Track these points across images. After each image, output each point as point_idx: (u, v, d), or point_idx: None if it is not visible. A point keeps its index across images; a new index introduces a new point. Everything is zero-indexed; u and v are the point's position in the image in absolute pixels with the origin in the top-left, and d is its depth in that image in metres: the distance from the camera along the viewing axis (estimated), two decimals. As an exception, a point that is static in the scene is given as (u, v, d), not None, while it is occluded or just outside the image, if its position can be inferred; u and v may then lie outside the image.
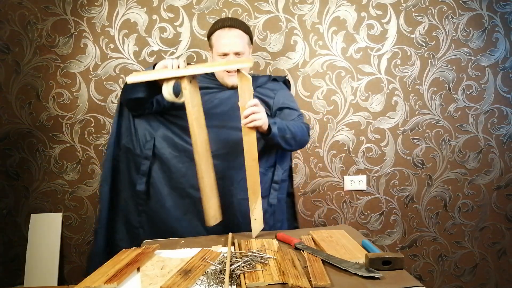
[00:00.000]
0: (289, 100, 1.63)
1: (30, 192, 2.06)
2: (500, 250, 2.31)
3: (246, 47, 1.55)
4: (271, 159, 1.59)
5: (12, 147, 2.03)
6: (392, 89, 2.15)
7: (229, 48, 1.49)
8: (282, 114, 1.57)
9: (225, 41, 1.50)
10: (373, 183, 2.20)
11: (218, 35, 1.53)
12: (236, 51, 1.49)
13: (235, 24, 1.54)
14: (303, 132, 1.49)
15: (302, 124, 1.52)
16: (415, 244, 2.26)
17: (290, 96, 1.68)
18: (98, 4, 1.99)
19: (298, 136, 1.45)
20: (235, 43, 1.50)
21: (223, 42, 1.50)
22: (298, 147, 1.54)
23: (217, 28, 1.54)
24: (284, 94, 1.64)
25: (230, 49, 1.49)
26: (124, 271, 1.04)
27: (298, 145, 1.51)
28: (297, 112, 1.59)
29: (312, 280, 0.97)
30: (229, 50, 1.49)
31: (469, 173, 2.24)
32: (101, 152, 2.06)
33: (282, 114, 1.57)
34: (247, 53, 1.56)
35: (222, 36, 1.51)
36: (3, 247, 2.07)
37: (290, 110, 1.58)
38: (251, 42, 1.62)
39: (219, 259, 1.12)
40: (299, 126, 1.49)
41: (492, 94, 2.19)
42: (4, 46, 1.98)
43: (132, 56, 2.02)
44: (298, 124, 1.49)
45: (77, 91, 2.03)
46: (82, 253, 2.11)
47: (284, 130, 1.40)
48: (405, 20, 2.11)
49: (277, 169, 1.59)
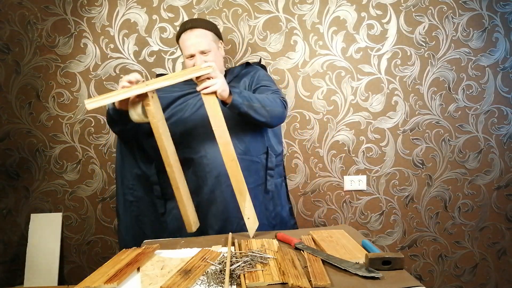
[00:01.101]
0: (263, 79, 1.64)
1: (30, 192, 2.06)
2: (500, 250, 2.31)
3: (212, 43, 1.57)
4: (262, 147, 1.60)
5: (12, 147, 2.03)
6: (392, 89, 2.15)
7: (194, 48, 1.53)
8: (257, 91, 1.58)
9: (188, 42, 1.54)
10: (373, 183, 2.20)
11: (182, 38, 1.57)
12: (201, 50, 1.53)
13: (196, 24, 1.57)
14: (274, 103, 1.47)
15: (274, 96, 1.50)
16: (415, 244, 2.26)
17: (265, 76, 1.68)
18: (98, 4, 1.99)
19: (268, 106, 1.43)
20: (198, 43, 1.53)
21: (186, 44, 1.54)
22: (276, 120, 1.50)
23: (180, 32, 1.59)
24: (258, 75, 1.65)
25: (195, 49, 1.53)
26: (124, 271, 1.05)
27: (272, 117, 1.46)
28: (271, 88, 1.58)
29: (312, 280, 0.97)
30: (194, 50, 1.53)
31: (469, 173, 2.24)
32: (101, 152, 2.06)
33: (257, 92, 1.58)
34: (215, 48, 1.59)
35: (185, 39, 1.55)
36: (3, 247, 2.07)
37: (264, 87, 1.58)
38: (218, 37, 1.64)
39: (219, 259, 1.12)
40: (270, 97, 1.48)
41: (492, 94, 2.19)
42: (4, 46, 1.98)
43: (132, 56, 2.02)
44: (270, 96, 1.49)
45: (77, 91, 2.03)
46: (82, 253, 2.11)
47: (249, 99, 1.39)
48: (405, 20, 2.11)
49: (270, 156, 1.61)
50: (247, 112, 1.39)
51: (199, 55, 1.53)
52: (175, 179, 1.35)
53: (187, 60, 1.57)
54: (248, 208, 1.35)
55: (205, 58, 1.54)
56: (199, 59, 1.53)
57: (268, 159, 1.61)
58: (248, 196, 1.36)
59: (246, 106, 1.38)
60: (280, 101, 1.50)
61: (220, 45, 1.66)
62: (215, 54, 1.58)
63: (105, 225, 2.11)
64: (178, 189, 1.36)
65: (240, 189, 1.35)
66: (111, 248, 2.12)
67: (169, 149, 1.35)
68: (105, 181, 2.08)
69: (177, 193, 1.37)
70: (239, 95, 1.38)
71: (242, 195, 1.35)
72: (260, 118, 1.43)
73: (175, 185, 1.36)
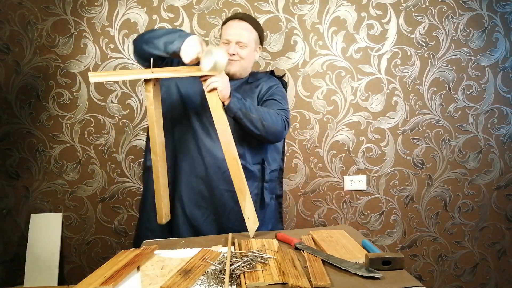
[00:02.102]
0: (277, 93, 1.63)
1: (30, 192, 2.06)
2: (500, 250, 2.31)
3: (252, 42, 1.59)
4: (257, 156, 1.59)
5: (12, 147, 2.03)
6: (392, 89, 2.15)
7: (233, 37, 1.56)
8: (266, 104, 1.57)
9: (231, 30, 1.58)
10: (373, 183, 2.20)
11: (228, 24, 1.61)
12: (239, 41, 1.56)
13: (246, 18, 1.62)
14: (274, 120, 1.46)
15: (277, 114, 1.49)
16: (415, 244, 2.26)
17: (280, 91, 1.67)
18: (98, 4, 1.99)
19: (266, 120, 1.43)
20: (239, 34, 1.56)
21: (229, 31, 1.58)
22: (271, 137, 1.49)
23: (229, 19, 1.63)
24: (275, 88, 1.65)
25: (233, 38, 1.56)
26: (120, 272, 1.04)
27: (268, 133, 1.45)
28: (280, 106, 1.57)
29: (312, 280, 0.97)
30: (232, 38, 1.56)
31: (469, 173, 2.24)
32: (101, 152, 2.06)
33: (266, 103, 1.57)
34: (252, 49, 1.61)
35: (230, 26, 1.60)
36: (3, 247, 2.07)
37: (274, 101, 1.57)
38: (260, 42, 1.66)
39: (219, 259, 1.12)
40: (273, 114, 1.47)
41: (492, 94, 2.19)
42: (4, 46, 1.98)
43: (132, 56, 2.02)
44: (273, 112, 1.48)
45: (77, 91, 2.03)
46: (82, 253, 2.11)
47: (248, 108, 1.40)
48: (405, 20, 2.11)
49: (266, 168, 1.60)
50: (242, 119, 1.40)
51: (234, 45, 1.56)
52: (157, 168, 1.37)
53: (222, 45, 1.60)
54: (249, 208, 1.35)
55: (239, 50, 1.56)
56: (233, 48, 1.56)
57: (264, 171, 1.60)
58: (248, 195, 1.36)
59: (242, 113, 1.39)
60: (281, 120, 1.49)
61: (258, 49, 1.68)
62: (250, 52, 1.60)
63: (105, 225, 2.11)
64: (158, 179, 1.38)
65: (240, 188, 1.36)
66: (111, 248, 2.12)
67: (158, 138, 1.37)
68: (105, 181, 2.08)
69: (156, 182, 1.38)
70: (238, 101, 1.39)
71: (242, 193, 1.36)
72: (254, 130, 1.43)
73: (156, 174, 1.38)
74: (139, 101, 2.05)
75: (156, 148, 1.36)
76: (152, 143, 1.37)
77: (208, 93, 1.36)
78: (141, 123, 2.06)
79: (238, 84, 1.61)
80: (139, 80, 2.01)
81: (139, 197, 2.09)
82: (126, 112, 2.05)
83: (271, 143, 1.60)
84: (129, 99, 2.04)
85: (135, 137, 2.06)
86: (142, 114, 2.06)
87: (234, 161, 1.35)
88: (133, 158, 2.07)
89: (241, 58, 1.57)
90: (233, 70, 1.58)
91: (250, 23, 1.61)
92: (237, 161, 1.35)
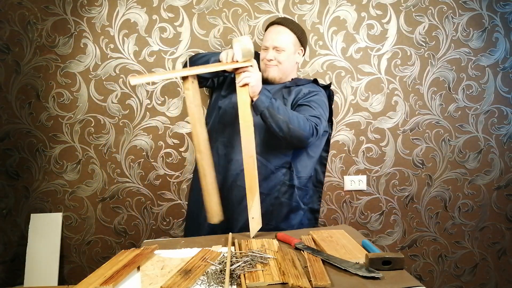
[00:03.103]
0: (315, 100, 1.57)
1: (30, 192, 2.06)
2: (500, 250, 2.31)
3: (290, 45, 1.60)
4: (284, 160, 1.56)
5: (12, 147, 2.03)
6: (392, 89, 2.15)
7: (269, 42, 1.59)
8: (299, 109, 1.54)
9: (268, 36, 1.61)
10: (373, 183, 2.20)
11: (267, 30, 1.65)
12: (275, 46, 1.58)
13: (283, 22, 1.64)
14: (302, 125, 1.43)
15: (307, 120, 1.46)
16: (415, 244, 2.26)
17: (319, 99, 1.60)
18: (98, 4, 1.99)
19: (293, 124, 1.40)
20: (276, 39, 1.59)
21: (267, 37, 1.62)
22: (295, 141, 1.46)
23: (269, 25, 1.67)
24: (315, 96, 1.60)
25: (270, 43, 1.58)
26: (120, 272, 1.04)
27: (292, 137, 1.43)
28: (313, 112, 1.52)
29: (312, 280, 0.97)
30: (269, 44, 1.59)
31: (469, 173, 2.24)
32: (101, 152, 2.06)
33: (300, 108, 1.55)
34: (291, 52, 1.61)
35: (268, 32, 1.64)
36: (3, 247, 2.07)
37: (308, 107, 1.54)
38: (300, 43, 1.66)
39: (219, 259, 1.12)
40: (302, 118, 1.44)
41: (492, 94, 2.19)
42: (4, 46, 1.98)
43: (132, 56, 2.02)
44: (302, 117, 1.45)
45: (77, 91, 2.03)
46: (82, 253, 2.11)
47: (276, 108, 1.39)
48: (405, 20, 2.11)
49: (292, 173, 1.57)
50: (267, 118, 1.40)
51: (272, 50, 1.58)
52: (203, 166, 1.36)
53: (262, 52, 1.62)
54: (255, 208, 1.35)
55: (276, 55, 1.57)
56: (271, 53, 1.58)
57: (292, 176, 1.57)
58: (257, 196, 1.36)
59: (268, 112, 1.39)
60: (310, 127, 1.45)
61: (300, 51, 1.67)
62: (288, 55, 1.59)
63: (105, 225, 2.11)
64: (205, 177, 1.36)
65: (251, 187, 1.35)
66: (111, 248, 2.12)
67: (201, 135, 1.36)
68: (105, 181, 2.08)
69: (203, 181, 1.37)
70: (266, 99, 1.38)
71: (252, 193, 1.35)
72: (278, 131, 1.42)
73: (203, 172, 1.37)
74: (139, 101, 2.05)
75: (200, 146, 1.35)
76: (196, 141, 1.36)
77: (239, 87, 1.38)
78: (141, 123, 2.06)
79: (277, 88, 1.60)
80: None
81: (139, 197, 2.10)
82: (126, 112, 2.05)
83: (295, 147, 1.57)
84: (129, 99, 2.04)
85: (135, 137, 2.06)
86: (142, 114, 2.06)
87: (251, 159, 1.36)
88: (133, 158, 2.07)
89: (279, 62, 1.57)
90: (271, 74, 1.58)
91: (287, 26, 1.61)
92: (253, 160, 1.35)
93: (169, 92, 2.05)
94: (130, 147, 2.07)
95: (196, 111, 1.35)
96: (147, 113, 2.06)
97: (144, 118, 2.06)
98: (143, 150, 2.07)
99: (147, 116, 2.06)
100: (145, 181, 2.09)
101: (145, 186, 2.10)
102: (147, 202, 2.11)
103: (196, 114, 1.35)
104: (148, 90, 2.04)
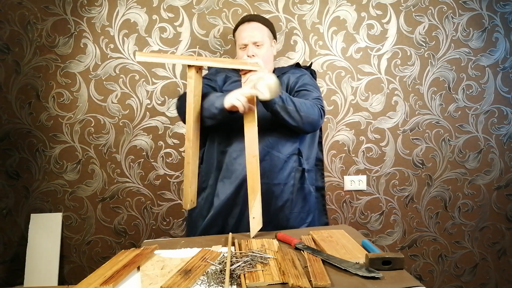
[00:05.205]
0: (308, 83, 1.62)
1: (30, 192, 2.06)
2: (500, 250, 2.31)
3: (266, 38, 1.64)
4: (293, 147, 1.58)
5: (12, 147, 2.03)
6: (392, 89, 2.15)
7: (248, 39, 1.60)
8: (298, 95, 1.57)
9: (244, 33, 1.62)
10: (373, 183, 2.20)
11: (239, 29, 1.66)
12: (254, 41, 1.60)
13: (254, 18, 1.68)
14: (311, 109, 1.45)
15: (313, 103, 1.49)
16: (415, 244, 2.26)
17: (310, 80, 1.66)
18: (98, 4, 1.99)
19: (303, 111, 1.42)
20: (254, 35, 1.61)
21: (242, 35, 1.63)
22: (308, 127, 1.48)
23: (238, 25, 1.68)
24: (304, 78, 1.65)
25: (249, 40, 1.60)
26: (120, 272, 1.04)
27: (305, 123, 1.45)
28: (313, 94, 1.56)
29: (312, 280, 0.97)
30: (248, 40, 1.60)
31: (469, 173, 2.24)
32: (101, 152, 2.06)
33: (299, 94, 1.58)
34: (268, 44, 1.65)
35: (242, 30, 1.64)
36: (3, 247, 2.07)
37: (306, 92, 1.58)
38: (273, 35, 1.70)
39: (219, 259, 1.12)
40: (308, 103, 1.47)
41: (492, 94, 2.20)
42: (4, 46, 1.98)
43: (132, 56, 2.02)
44: (308, 102, 1.48)
45: (77, 91, 2.03)
46: (82, 253, 2.11)
47: (285, 100, 1.40)
48: (405, 20, 2.11)
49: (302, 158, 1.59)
50: (280, 112, 1.40)
51: (251, 46, 1.59)
52: (189, 154, 1.40)
53: (239, 51, 1.63)
54: (256, 208, 1.35)
55: (257, 50, 1.59)
56: (251, 49, 1.59)
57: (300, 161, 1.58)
58: (259, 196, 1.36)
59: (280, 107, 1.39)
60: (317, 109, 1.49)
61: (274, 44, 1.71)
62: (267, 49, 1.63)
63: (105, 225, 2.11)
64: (188, 164, 1.41)
65: (254, 187, 1.36)
66: (111, 248, 2.12)
67: (194, 125, 1.41)
68: (105, 181, 2.08)
69: (186, 168, 1.41)
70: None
71: (254, 193, 1.36)
72: (292, 122, 1.43)
73: (187, 159, 1.41)
74: (139, 101, 2.05)
75: (190, 134, 1.40)
76: (188, 129, 1.40)
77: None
78: (141, 123, 2.06)
79: None
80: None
81: (139, 197, 2.10)
82: (126, 112, 2.05)
83: (308, 133, 1.59)
84: (129, 99, 2.04)
85: (135, 137, 2.06)
86: (142, 114, 2.06)
87: (254, 159, 1.37)
88: (133, 158, 2.07)
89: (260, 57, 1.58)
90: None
91: (259, 21, 1.65)
92: (256, 160, 1.36)
93: (169, 92, 2.05)
94: (130, 147, 2.07)
95: (193, 100, 1.39)
96: (147, 113, 2.06)
97: (144, 118, 2.06)
98: (143, 150, 2.07)
99: (147, 116, 2.06)
100: (145, 181, 2.09)
101: (145, 186, 2.10)
102: (147, 202, 2.11)
103: (193, 103, 1.39)
104: (148, 90, 2.04)
